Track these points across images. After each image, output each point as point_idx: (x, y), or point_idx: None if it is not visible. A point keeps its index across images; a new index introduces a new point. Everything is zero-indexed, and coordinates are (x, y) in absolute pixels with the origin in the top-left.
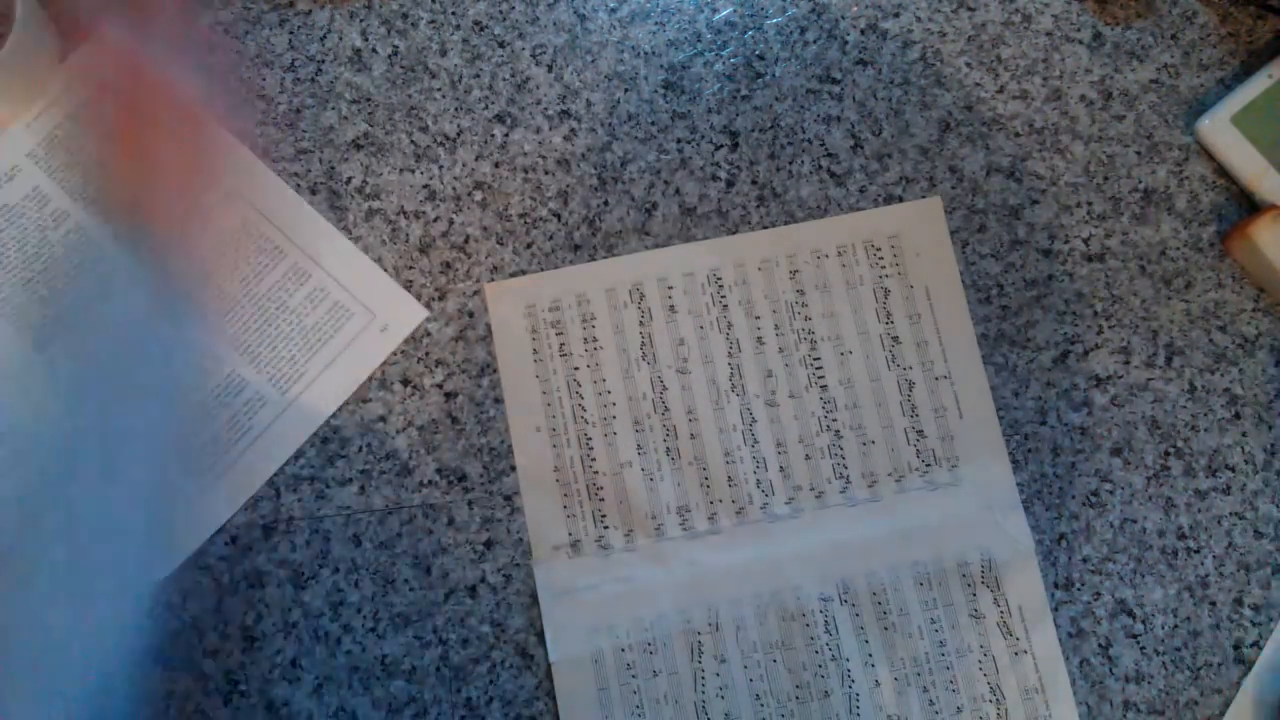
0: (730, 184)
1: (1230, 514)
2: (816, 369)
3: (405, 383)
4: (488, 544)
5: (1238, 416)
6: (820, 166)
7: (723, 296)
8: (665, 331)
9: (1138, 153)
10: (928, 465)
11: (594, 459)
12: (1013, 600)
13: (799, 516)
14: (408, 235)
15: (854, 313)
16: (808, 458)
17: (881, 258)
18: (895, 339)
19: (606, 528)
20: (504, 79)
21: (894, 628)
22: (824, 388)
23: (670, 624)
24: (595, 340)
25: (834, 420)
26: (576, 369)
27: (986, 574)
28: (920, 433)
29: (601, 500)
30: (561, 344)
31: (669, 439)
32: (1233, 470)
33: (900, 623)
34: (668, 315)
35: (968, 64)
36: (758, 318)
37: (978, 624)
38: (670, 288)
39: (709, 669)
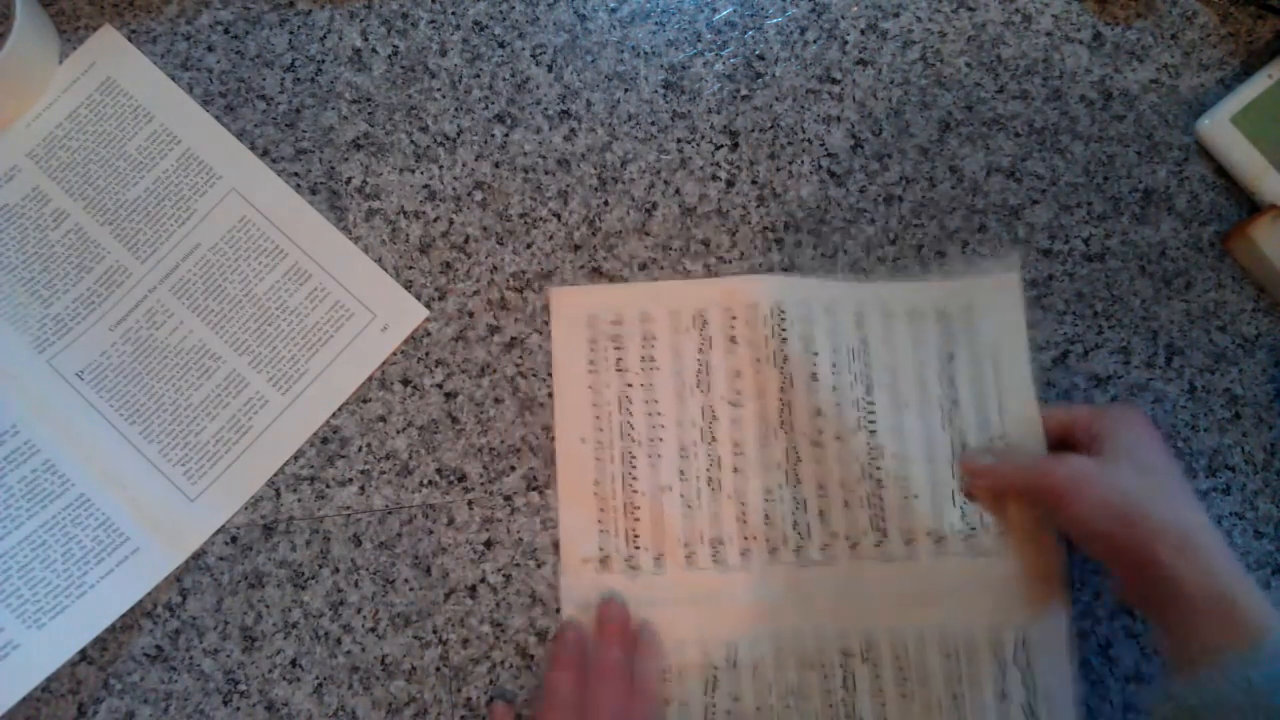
0: (730, 184)
1: (1230, 514)
2: (869, 413)
3: (405, 383)
4: (488, 544)
5: (1238, 416)
6: (820, 166)
7: (783, 330)
8: (723, 362)
9: (1138, 153)
10: (972, 529)
11: (635, 478)
12: (1042, 684)
13: (832, 565)
14: (408, 235)
15: (916, 371)
16: (846, 504)
17: (952, 325)
18: (954, 403)
19: (638, 548)
20: (504, 79)
21: (912, 696)
22: (873, 433)
23: (688, 654)
24: (653, 360)
25: (878, 469)
26: (630, 386)
27: (1018, 653)
28: (969, 495)
29: (637, 520)
30: (619, 359)
31: (712, 469)
32: (1233, 470)
33: (920, 692)
34: (728, 346)
35: (968, 64)
36: (815, 353)
37: (1001, 704)
38: (734, 318)
39: (721, 705)
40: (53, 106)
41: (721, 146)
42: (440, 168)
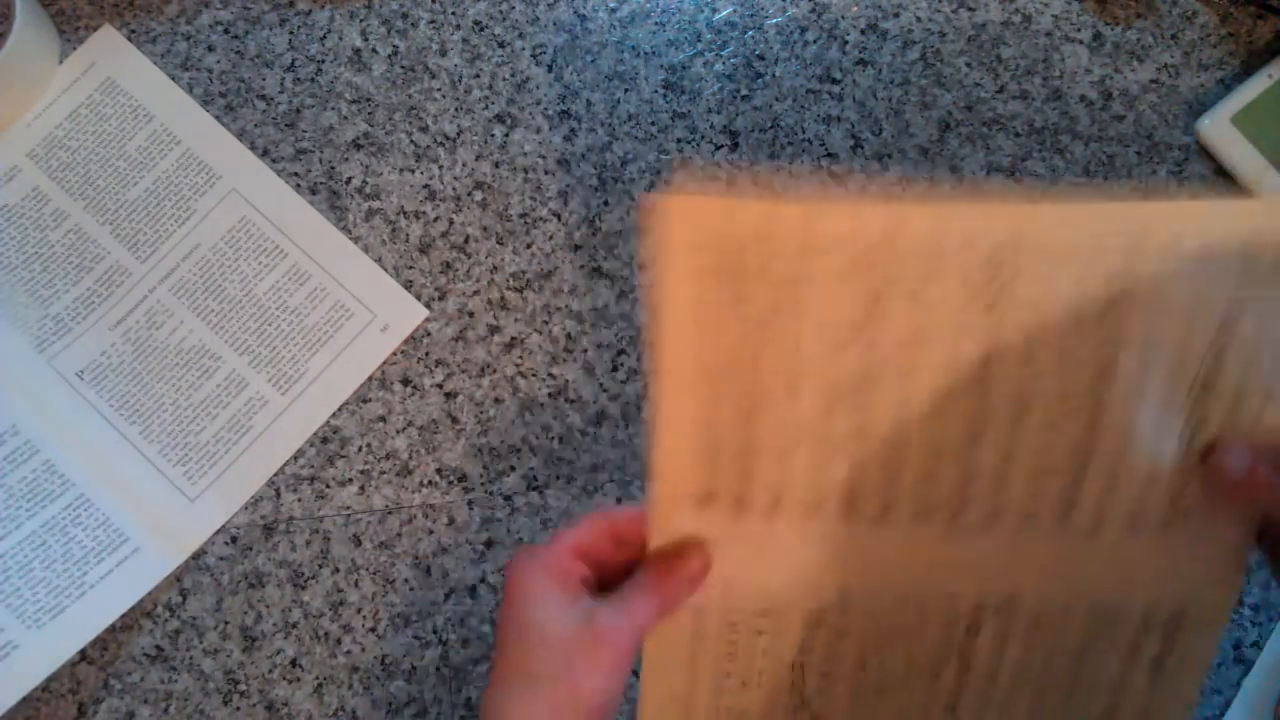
0: (730, 184)
1: None
2: (1096, 398)
3: (405, 383)
4: (488, 544)
5: None
6: (820, 167)
7: (995, 290)
8: (898, 322)
9: (1138, 153)
10: (1170, 512)
11: (762, 414)
12: (1179, 654)
13: (990, 532)
14: (408, 235)
15: (1181, 337)
16: (1033, 477)
17: (1253, 270)
18: (1210, 388)
19: (750, 487)
20: (504, 79)
21: (1036, 649)
22: (1097, 420)
23: (793, 596)
24: (795, 304)
25: (1088, 452)
26: (764, 330)
27: (1169, 624)
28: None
29: (754, 458)
30: (744, 299)
31: (860, 420)
32: None
33: (1045, 646)
34: (907, 306)
35: (968, 64)
36: (1032, 332)
37: (1129, 662)
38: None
39: (821, 640)
40: (53, 106)
41: (721, 146)
42: (440, 168)
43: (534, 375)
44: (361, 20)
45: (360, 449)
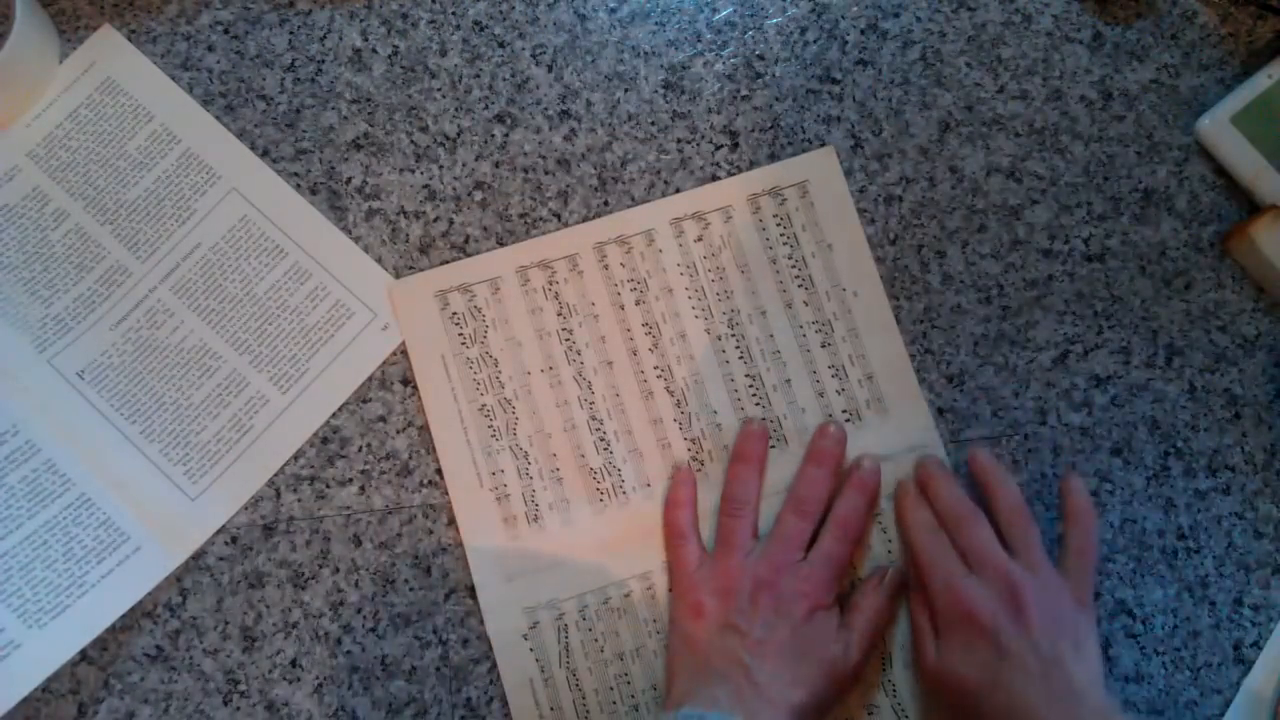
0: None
1: (1230, 514)
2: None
3: (405, 383)
4: None
5: (1238, 416)
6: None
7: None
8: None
9: (1138, 153)
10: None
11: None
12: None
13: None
14: (408, 235)
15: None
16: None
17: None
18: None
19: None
20: (504, 79)
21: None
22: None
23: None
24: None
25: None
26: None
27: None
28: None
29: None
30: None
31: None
32: (1233, 470)
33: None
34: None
35: (968, 64)
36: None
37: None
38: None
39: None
40: (53, 106)
41: (721, 146)
42: (440, 168)
43: None
44: (361, 20)
45: (360, 449)
